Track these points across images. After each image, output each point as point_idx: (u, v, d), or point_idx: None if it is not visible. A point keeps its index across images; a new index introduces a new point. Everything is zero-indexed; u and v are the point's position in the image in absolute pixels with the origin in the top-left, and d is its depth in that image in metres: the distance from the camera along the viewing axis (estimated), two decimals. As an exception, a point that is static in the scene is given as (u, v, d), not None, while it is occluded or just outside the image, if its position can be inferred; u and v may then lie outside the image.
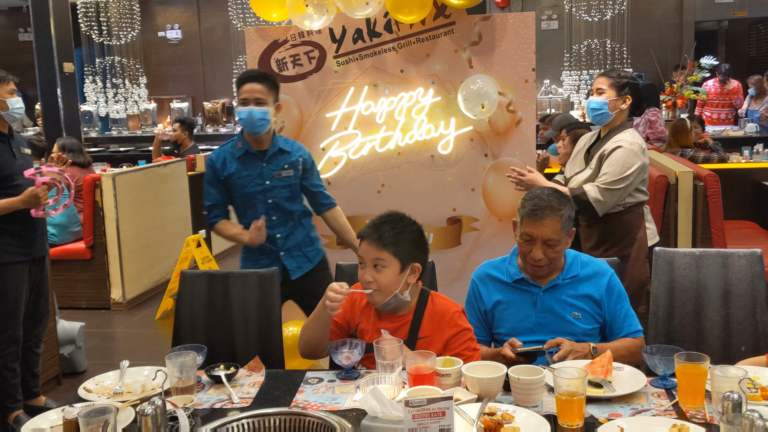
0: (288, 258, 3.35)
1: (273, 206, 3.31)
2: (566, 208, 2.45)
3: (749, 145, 7.03)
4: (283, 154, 3.33)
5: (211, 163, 3.32)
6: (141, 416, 1.74)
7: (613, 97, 3.25)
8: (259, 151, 3.29)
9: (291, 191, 3.34)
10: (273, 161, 3.30)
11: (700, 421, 1.87)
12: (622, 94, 3.25)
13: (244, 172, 3.28)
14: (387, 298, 2.33)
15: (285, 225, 3.34)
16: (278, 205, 3.32)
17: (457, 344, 2.33)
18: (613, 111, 3.26)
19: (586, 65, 10.11)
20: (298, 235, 3.39)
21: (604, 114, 3.26)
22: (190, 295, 2.81)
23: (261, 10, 4.06)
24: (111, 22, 10.45)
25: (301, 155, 3.37)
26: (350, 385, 2.19)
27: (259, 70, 3.41)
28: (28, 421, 2.00)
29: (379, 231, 2.34)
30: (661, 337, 2.66)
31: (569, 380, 1.83)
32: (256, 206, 3.30)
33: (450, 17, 3.98)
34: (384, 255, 2.32)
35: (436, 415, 1.64)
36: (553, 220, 2.39)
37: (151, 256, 6.44)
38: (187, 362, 2.09)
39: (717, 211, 4.41)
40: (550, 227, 2.39)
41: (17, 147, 3.65)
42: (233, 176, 3.28)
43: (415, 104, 4.05)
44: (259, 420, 1.88)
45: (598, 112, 3.27)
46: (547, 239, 2.39)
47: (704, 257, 2.69)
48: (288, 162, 3.32)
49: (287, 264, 3.35)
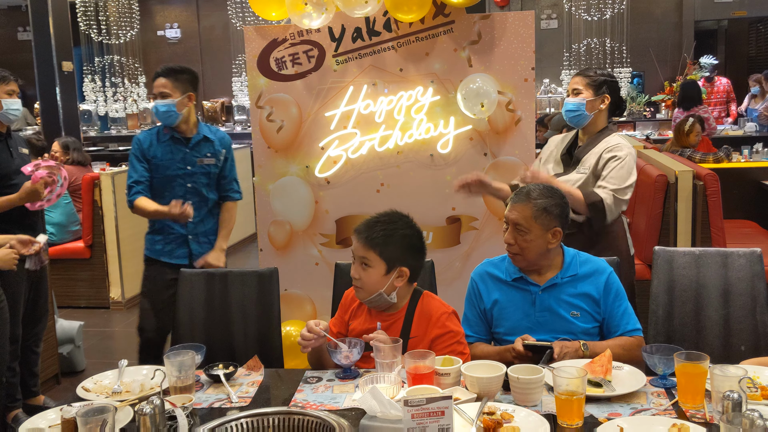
0: (194, 243, 3.59)
1: (191, 190, 3.54)
2: (544, 201, 2.45)
3: (749, 145, 7.03)
4: (207, 142, 3.60)
5: (138, 142, 3.57)
6: (139, 415, 1.73)
7: (591, 97, 3.14)
8: (184, 138, 3.55)
9: (209, 179, 3.60)
10: (196, 148, 3.57)
11: (699, 420, 1.86)
12: (600, 94, 3.16)
13: (168, 155, 3.53)
14: (371, 296, 2.35)
15: (199, 210, 3.55)
16: (197, 190, 3.55)
17: (443, 346, 2.31)
18: (591, 112, 3.15)
19: (586, 64, 10.10)
20: (208, 223, 3.63)
21: (581, 115, 3.16)
22: (188, 294, 2.81)
23: (260, 8, 4.05)
24: (110, 21, 10.45)
25: (223, 146, 3.64)
26: (349, 385, 2.18)
27: (169, 66, 3.57)
28: (27, 420, 1.99)
29: (370, 230, 2.35)
30: (661, 337, 2.66)
31: (569, 379, 1.83)
32: (175, 189, 3.52)
33: (449, 16, 3.97)
34: (370, 255, 2.33)
35: (435, 414, 1.63)
36: (523, 206, 2.44)
37: (150, 256, 6.43)
38: (185, 361, 2.08)
39: (717, 210, 4.41)
40: (519, 212, 2.44)
41: (15, 146, 3.65)
42: (156, 158, 3.52)
43: (414, 103, 4.04)
44: (258, 419, 1.88)
45: (575, 113, 3.16)
46: (516, 223, 2.44)
47: (704, 256, 2.69)
48: (211, 150, 3.59)
49: (193, 248, 3.58)
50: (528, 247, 2.43)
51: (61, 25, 7.51)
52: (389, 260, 2.33)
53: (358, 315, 2.47)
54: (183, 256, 3.58)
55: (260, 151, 4.19)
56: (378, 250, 2.32)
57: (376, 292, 2.34)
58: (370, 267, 2.33)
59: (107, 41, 10.54)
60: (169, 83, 3.47)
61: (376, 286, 2.34)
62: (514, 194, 2.52)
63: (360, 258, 2.35)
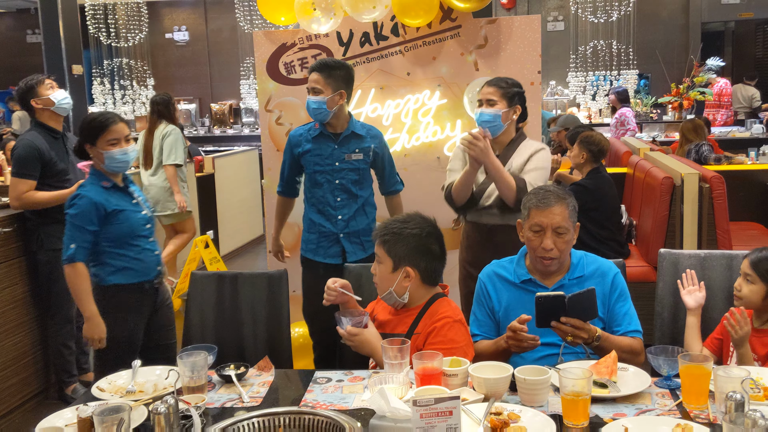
0: (346, 241, 3.42)
1: (339, 187, 3.39)
2: (570, 198, 2.48)
3: (755, 147, 7.03)
4: (357, 138, 3.42)
5: (289, 140, 3.49)
6: (154, 415, 1.77)
7: (505, 108, 3.16)
8: (333, 134, 3.40)
9: (359, 176, 3.42)
10: (345, 144, 3.40)
11: (703, 420, 1.89)
12: (513, 105, 3.19)
13: (317, 151, 3.40)
14: (384, 293, 2.43)
15: (348, 207, 3.41)
16: (345, 186, 3.40)
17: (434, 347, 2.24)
18: (505, 122, 3.18)
19: (592, 66, 10.10)
20: (360, 222, 3.44)
21: (496, 126, 3.16)
22: (199, 296, 2.85)
23: (269, 13, 4.09)
24: (119, 24, 10.50)
25: (374, 143, 3.45)
26: (358, 385, 2.22)
27: (324, 61, 3.41)
28: (44, 419, 2.03)
29: (384, 228, 2.44)
30: (666, 338, 2.69)
31: (574, 380, 1.85)
32: (323, 185, 3.40)
33: (456, 21, 4.01)
34: (380, 251, 2.42)
35: (443, 414, 1.66)
36: (560, 207, 2.42)
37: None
38: (198, 362, 2.12)
39: (722, 212, 4.42)
40: (559, 214, 2.41)
41: (70, 145, 3.85)
42: (306, 155, 3.41)
43: (421, 106, 4.08)
44: (269, 419, 1.91)
45: (492, 124, 3.16)
46: (557, 227, 2.40)
47: (709, 258, 2.71)
48: (360, 147, 3.41)
49: (346, 246, 3.42)
50: (566, 248, 2.44)
51: (71, 29, 7.56)
52: (396, 258, 2.38)
53: (381, 303, 2.54)
54: (336, 255, 3.42)
55: (269, 154, 4.23)
56: (386, 248, 2.40)
57: (387, 289, 2.41)
58: (380, 263, 2.42)
59: (116, 44, 10.60)
60: (322, 79, 3.30)
61: (386, 283, 2.41)
62: (541, 197, 2.46)
63: (375, 253, 2.45)
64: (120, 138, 2.95)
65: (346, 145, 3.40)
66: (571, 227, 2.44)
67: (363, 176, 3.45)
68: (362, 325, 2.32)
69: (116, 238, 2.94)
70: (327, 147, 3.39)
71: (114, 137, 2.93)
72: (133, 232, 2.98)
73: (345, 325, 2.31)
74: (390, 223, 2.45)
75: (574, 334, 2.25)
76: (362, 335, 2.31)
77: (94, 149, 2.95)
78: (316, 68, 3.34)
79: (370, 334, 2.34)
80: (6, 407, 3.81)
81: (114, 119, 2.97)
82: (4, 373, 3.80)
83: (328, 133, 3.40)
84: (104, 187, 2.96)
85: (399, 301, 2.41)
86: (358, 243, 3.44)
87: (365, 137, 3.43)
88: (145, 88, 11.05)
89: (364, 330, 2.32)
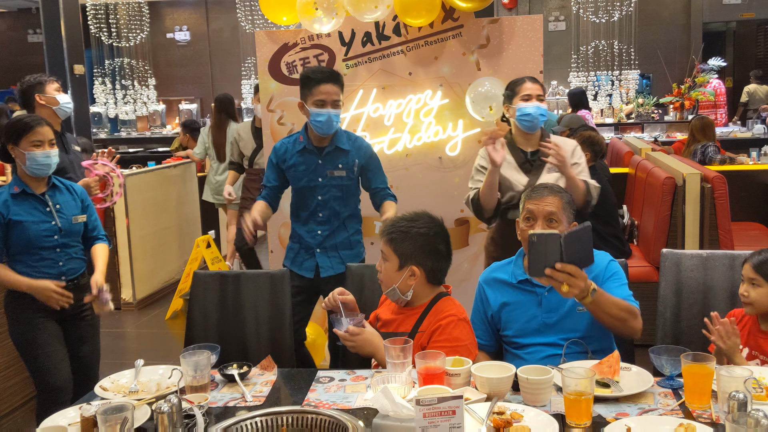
0: (322, 256, 3.35)
1: (322, 203, 3.31)
2: (566, 193, 2.53)
3: (757, 147, 7.03)
4: (342, 152, 3.31)
5: (275, 151, 3.38)
6: (158, 414, 1.77)
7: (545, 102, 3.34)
8: (318, 147, 3.30)
9: (343, 192, 3.32)
10: (328, 159, 3.30)
11: (706, 420, 1.89)
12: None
13: (302, 166, 3.31)
14: (387, 290, 2.44)
15: (329, 224, 3.33)
16: (327, 203, 3.31)
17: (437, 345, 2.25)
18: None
19: (594, 66, 10.10)
20: (339, 236, 3.36)
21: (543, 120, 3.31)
22: (202, 295, 2.85)
23: (271, 13, 4.09)
24: (120, 24, 10.52)
25: (358, 157, 3.33)
26: (361, 384, 2.22)
27: (330, 70, 3.29)
28: (47, 418, 2.04)
29: (392, 226, 2.45)
30: (669, 338, 2.69)
31: (577, 380, 1.86)
32: (308, 200, 3.33)
33: (458, 20, 4.01)
34: (386, 249, 2.44)
35: (446, 413, 1.67)
36: (554, 198, 2.46)
37: (161, 257, 6.49)
38: (201, 361, 2.12)
39: (724, 212, 4.42)
40: (552, 203, 2.45)
41: (68, 144, 3.83)
42: (291, 169, 3.33)
43: (423, 106, 4.08)
44: (272, 418, 1.91)
45: (545, 118, 3.31)
46: (548, 214, 2.43)
47: (711, 259, 2.71)
48: (342, 162, 3.30)
49: (320, 261, 3.34)
50: None
51: (72, 29, 7.57)
52: (402, 256, 2.40)
53: (385, 304, 2.56)
54: (310, 269, 3.35)
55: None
56: (392, 246, 2.42)
57: (391, 286, 2.42)
58: (386, 261, 2.43)
59: (117, 44, 10.61)
60: (340, 91, 3.21)
61: (390, 280, 2.42)
62: (534, 189, 2.52)
63: (381, 251, 2.46)
64: (44, 141, 2.95)
65: (330, 161, 3.29)
66: (564, 219, 2.45)
67: (347, 192, 3.34)
68: (361, 326, 2.33)
69: (15, 244, 2.97)
70: (311, 161, 3.30)
71: (38, 139, 2.94)
72: (32, 243, 2.96)
73: (345, 326, 2.31)
74: (398, 222, 2.46)
75: (569, 282, 2.14)
76: (364, 334, 2.32)
77: (17, 149, 2.95)
78: (331, 80, 3.20)
79: (371, 334, 2.34)
80: (8, 407, 3.82)
81: (40, 122, 2.99)
82: (6, 373, 3.81)
83: (312, 147, 3.29)
84: (13, 192, 2.96)
85: (402, 298, 2.42)
86: (336, 257, 3.35)
87: (350, 150, 3.32)
88: (146, 88, 11.06)
89: (365, 330, 2.33)
